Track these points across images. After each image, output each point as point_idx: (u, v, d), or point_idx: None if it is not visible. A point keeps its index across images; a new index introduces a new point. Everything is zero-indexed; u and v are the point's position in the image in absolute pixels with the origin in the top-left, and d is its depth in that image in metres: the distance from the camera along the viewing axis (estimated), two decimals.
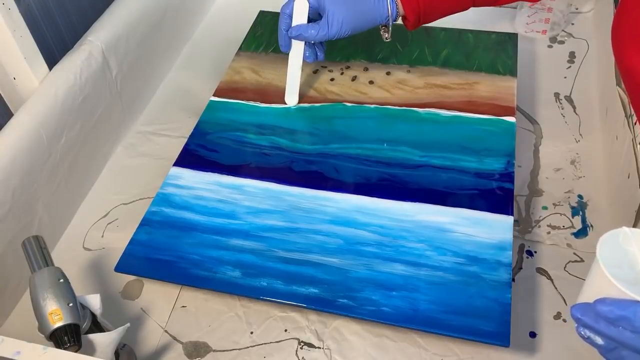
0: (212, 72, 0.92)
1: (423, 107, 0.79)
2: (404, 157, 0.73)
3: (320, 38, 0.73)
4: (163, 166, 0.78)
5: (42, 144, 0.67)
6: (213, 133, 0.79)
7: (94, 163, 0.79)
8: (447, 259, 0.63)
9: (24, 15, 0.68)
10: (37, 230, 0.68)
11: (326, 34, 0.73)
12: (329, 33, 0.73)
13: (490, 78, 0.82)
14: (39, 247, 0.55)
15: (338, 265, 0.63)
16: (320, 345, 0.61)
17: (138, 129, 0.86)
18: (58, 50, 0.76)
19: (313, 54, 0.77)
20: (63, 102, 0.70)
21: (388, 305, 0.60)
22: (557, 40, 0.94)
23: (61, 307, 0.50)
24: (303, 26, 0.74)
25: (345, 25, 0.72)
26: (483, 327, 0.57)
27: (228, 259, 0.65)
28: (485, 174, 0.71)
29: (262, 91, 0.84)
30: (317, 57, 0.78)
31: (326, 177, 0.72)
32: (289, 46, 0.77)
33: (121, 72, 0.81)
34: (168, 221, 0.69)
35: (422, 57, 0.87)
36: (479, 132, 0.75)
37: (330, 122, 0.79)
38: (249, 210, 0.69)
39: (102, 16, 0.81)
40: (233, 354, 0.61)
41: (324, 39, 0.74)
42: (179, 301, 0.66)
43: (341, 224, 0.67)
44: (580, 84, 0.87)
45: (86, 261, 0.70)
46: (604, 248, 0.43)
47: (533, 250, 0.68)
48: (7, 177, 0.63)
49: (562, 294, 0.64)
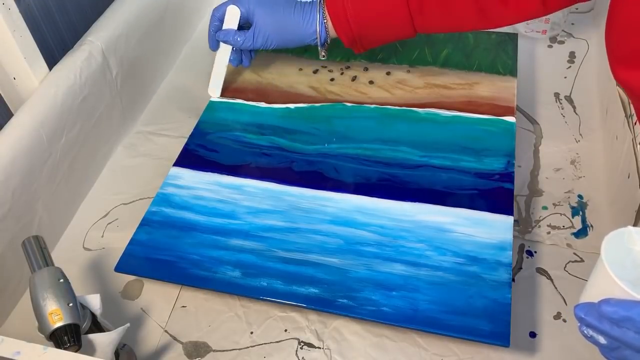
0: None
1: (423, 107, 0.79)
2: (403, 157, 0.73)
3: (245, 47, 0.77)
4: (163, 166, 0.78)
5: (42, 144, 0.67)
6: (213, 133, 0.79)
7: (94, 163, 0.79)
8: (447, 259, 0.63)
9: (24, 15, 0.68)
10: (37, 230, 0.68)
11: (251, 44, 0.76)
12: (254, 44, 0.76)
13: (490, 78, 0.82)
14: (39, 247, 0.55)
15: (338, 265, 0.63)
16: (320, 345, 0.61)
17: (138, 129, 0.86)
18: (58, 50, 0.76)
19: (238, 58, 0.81)
20: (63, 102, 0.70)
21: (388, 305, 0.60)
22: (557, 40, 0.94)
23: (61, 307, 0.50)
24: (231, 32, 0.77)
25: (270, 40, 0.75)
26: (483, 327, 0.57)
27: (228, 259, 0.65)
28: (485, 174, 0.71)
29: (262, 91, 0.84)
30: (241, 62, 0.82)
31: (326, 177, 0.72)
32: (216, 46, 0.80)
33: (121, 72, 0.81)
34: (168, 221, 0.69)
35: (422, 57, 0.87)
36: (479, 132, 0.75)
37: (330, 122, 0.79)
38: (249, 210, 0.69)
39: (102, 16, 0.81)
40: (233, 354, 0.61)
41: (248, 49, 0.78)
42: (179, 301, 0.66)
43: (341, 224, 0.67)
44: (580, 84, 0.87)
45: (86, 261, 0.70)
46: (608, 247, 0.43)
47: (533, 250, 0.68)
48: (7, 177, 0.62)
49: (562, 294, 0.64)
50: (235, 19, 0.76)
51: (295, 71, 0.87)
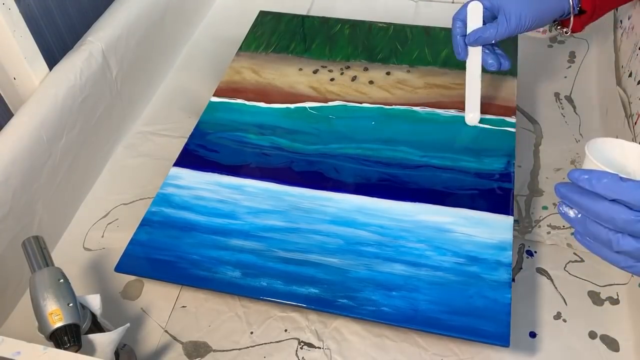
0: (212, 72, 0.92)
1: (423, 107, 0.79)
2: (403, 157, 0.73)
3: (500, 35, 0.69)
4: (163, 166, 0.78)
5: (42, 144, 0.67)
6: (213, 133, 0.79)
7: (94, 163, 0.79)
8: (447, 259, 0.63)
9: (24, 15, 0.68)
10: (37, 230, 0.68)
11: (506, 29, 0.68)
12: (509, 28, 0.68)
13: (490, 78, 0.82)
14: (39, 247, 0.55)
15: (338, 266, 0.63)
16: (320, 345, 0.61)
17: (138, 129, 0.86)
18: (58, 50, 0.77)
19: (496, 60, 0.72)
20: (63, 102, 0.70)
21: (388, 305, 0.60)
22: (557, 40, 0.94)
23: (61, 307, 0.50)
24: (480, 29, 0.70)
25: (524, 17, 0.68)
26: (483, 327, 0.57)
27: (228, 259, 0.65)
28: (485, 174, 0.71)
29: (262, 91, 0.84)
30: (500, 64, 0.72)
31: (326, 177, 0.72)
32: (465, 53, 0.73)
33: (121, 72, 0.81)
34: (168, 221, 0.69)
35: (422, 57, 0.87)
36: (479, 132, 0.75)
37: (330, 122, 0.79)
38: (249, 210, 0.69)
39: (102, 16, 0.81)
40: (233, 354, 0.61)
41: (504, 35, 0.69)
42: (179, 301, 0.66)
43: (341, 224, 0.67)
44: (580, 84, 0.87)
45: (86, 261, 0.70)
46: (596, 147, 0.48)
47: (533, 250, 0.68)
48: (7, 177, 0.63)
49: (562, 294, 0.64)
50: (479, 16, 0.70)
51: (295, 71, 0.87)
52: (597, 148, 0.48)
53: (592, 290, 0.64)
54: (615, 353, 0.59)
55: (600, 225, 0.45)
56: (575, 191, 0.45)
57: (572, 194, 0.46)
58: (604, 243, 0.45)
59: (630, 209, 0.43)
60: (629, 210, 0.43)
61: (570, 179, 0.45)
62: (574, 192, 0.46)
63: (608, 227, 0.44)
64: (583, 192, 0.45)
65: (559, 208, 0.48)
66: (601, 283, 0.65)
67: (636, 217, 0.42)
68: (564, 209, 0.47)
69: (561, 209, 0.47)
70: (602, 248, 0.46)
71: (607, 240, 0.44)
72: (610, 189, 0.43)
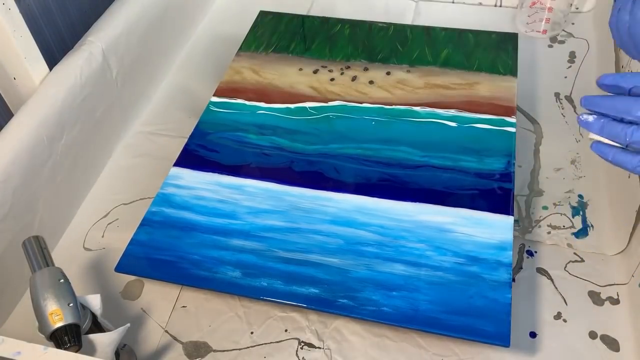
0: (212, 72, 0.92)
1: (423, 107, 0.79)
2: (404, 157, 0.73)
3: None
4: (163, 166, 0.78)
5: (42, 144, 0.67)
6: (213, 133, 0.79)
7: (94, 163, 0.79)
8: (447, 259, 0.63)
9: (24, 15, 0.68)
10: (37, 230, 0.68)
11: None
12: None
13: (491, 78, 0.82)
14: (39, 247, 0.55)
15: (338, 265, 0.63)
16: (320, 346, 0.61)
17: (138, 129, 0.86)
18: (58, 50, 0.77)
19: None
20: (63, 102, 0.70)
21: (388, 305, 0.60)
22: (558, 40, 0.94)
23: (61, 307, 0.50)
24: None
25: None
26: (483, 327, 0.57)
27: (228, 259, 0.65)
28: (485, 174, 0.71)
29: (262, 91, 0.84)
30: None
31: (326, 177, 0.72)
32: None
33: (121, 72, 0.81)
34: (168, 221, 0.69)
35: (422, 57, 0.87)
36: (479, 132, 0.75)
37: (330, 122, 0.79)
38: (249, 210, 0.69)
39: (102, 16, 0.81)
40: (233, 354, 0.61)
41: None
42: (179, 301, 0.66)
43: (341, 224, 0.67)
44: (581, 84, 0.87)
45: (86, 261, 0.70)
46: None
47: (533, 250, 0.68)
48: (7, 177, 0.63)
49: (562, 294, 0.64)
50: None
51: (295, 71, 0.87)
52: None
53: (592, 290, 0.64)
54: (615, 353, 0.59)
55: (617, 122, 0.47)
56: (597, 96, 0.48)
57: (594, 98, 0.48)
58: (617, 137, 0.47)
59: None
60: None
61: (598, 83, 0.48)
62: (596, 96, 0.48)
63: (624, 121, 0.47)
64: (604, 97, 0.48)
65: (579, 118, 0.50)
66: (601, 283, 0.65)
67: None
68: (584, 117, 0.49)
69: (581, 117, 0.49)
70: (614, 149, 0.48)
71: (622, 132, 0.47)
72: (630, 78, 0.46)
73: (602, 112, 0.48)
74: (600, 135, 0.49)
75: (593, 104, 0.49)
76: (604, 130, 0.48)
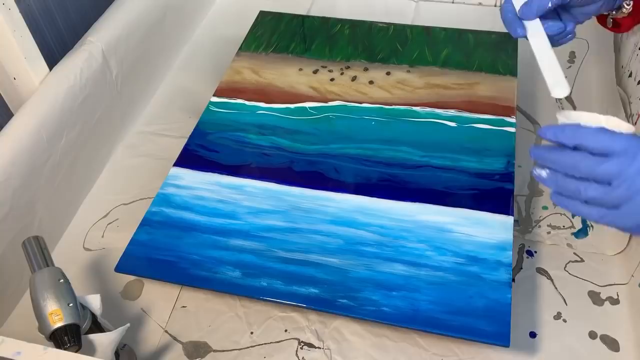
0: (212, 72, 0.92)
1: (423, 107, 0.79)
2: (404, 157, 0.73)
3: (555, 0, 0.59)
4: (163, 166, 0.78)
5: (42, 144, 0.67)
6: (213, 133, 0.79)
7: (94, 163, 0.79)
8: (447, 259, 0.63)
9: (24, 15, 0.68)
10: (37, 230, 0.68)
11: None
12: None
13: (491, 78, 0.82)
14: (39, 247, 0.55)
15: (338, 266, 0.63)
16: (320, 346, 0.61)
17: (138, 129, 0.86)
18: (58, 50, 0.77)
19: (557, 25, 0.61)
20: (63, 102, 0.70)
21: (388, 305, 0.60)
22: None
23: (61, 307, 0.50)
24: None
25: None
26: (483, 327, 0.57)
27: (228, 259, 0.65)
28: (485, 174, 0.71)
29: (262, 91, 0.84)
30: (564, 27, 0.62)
31: (326, 177, 0.72)
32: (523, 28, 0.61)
33: (121, 72, 0.81)
34: (168, 221, 0.69)
35: (422, 57, 0.87)
36: (479, 132, 0.75)
37: (330, 122, 0.79)
38: (249, 210, 0.69)
39: (102, 16, 0.81)
40: (233, 354, 0.61)
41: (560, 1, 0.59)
42: (179, 301, 0.66)
43: (341, 224, 0.67)
44: (580, 84, 0.87)
45: (86, 261, 0.70)
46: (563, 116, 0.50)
47: (533, 250, 0.68)
48: (7, 177, 0.63)
49: (562, 294, 0.64)
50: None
51: (295, 71, 0.87)
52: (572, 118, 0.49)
53: (592, 290, 0.64)
54: (615, 353, 0.59)
55: (569, 177, 0.47)
56: (544, 149, 0.48)
57: (542, 151, 0.48)
58: (574, 194, 0.47)
59: (592, 154, 0.45)
60: (590, 155, 0.45)
61: (539, 134, 0.48)
62: (543, 150, 0.48)
63: (575, 177, 0.46)
64: (551, 148, 0.47)
65: (533, 171, 0.49)
66: (601, 283, 0.65)
67: (596, 161, 0.44)
68: (537, 171, 0.49)
69: (535, 172, 0.49)
70: (575, 202, 0.47)
71: (576, 189, 0.46)
72: (571, 136, 0.45)
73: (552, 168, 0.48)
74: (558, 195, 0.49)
75: (542, 158, 0.48)
76: (559, 186, 0.48)
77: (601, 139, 0.45)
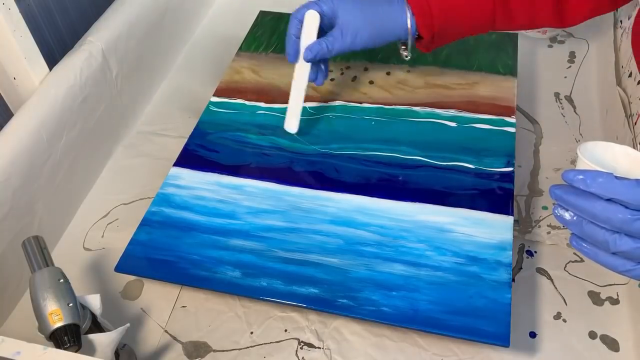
0: (212, 72, 0.92)
1: (423, 107, 0.79)
2: (403, 157, 0.73)
3: (335, 52, 0.69)
4: (163, 166, 0.78)
5: (42, 144, 0.67)
6: (213, 133, 0.79)
7: (94, 163, 0.79)
8: (447, 259, 0.63)
9: (24, 15, 0.68)
10: (37, 230, 0.68)
11: (341, 45, 0.68)
12: (343, 43, 0.68)
13: (491, 78, 0.82)
14: (39, 247, 0.55)
15: (338, 265, 0.63)
16: (320, 345, 0.61)
17: (138, 129, 0.86)
18: (58, 50, 0.77)
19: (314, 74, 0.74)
20: (63, 102, 0.70)
21: (388, 305, 0.60)
22: (557, 40, 0.94)
23: (61, 307, 0.50)
24: (315, 45, 0.69)
25: (360, 35, 0.68)
26: (483, 327, 0.57)
27: (228, 259, 0.65)
28: (485, 174, 0.71)
29: (262, 91, 0.84)
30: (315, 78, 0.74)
31: (326, 177, 0.72)
32: (297, 58, 0.72)
33: (121, 72, 0.81)
34: (168, 221, 0.69)
35: (422, 57, 0.87)
36: (479, 132, 0.75)
37: (330, 122, 0.79)
38: (249, 210, 0.69)
39: (102, 16, 0.81)
40: (233, 354, 0.61)
41: (339, 52, 0.69)
42: (179, 301, 0.66)
43: (341, 224, 0.67)
44: (580, 84, 0.87)
45: (86, 261, 0.70)
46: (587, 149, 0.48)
47: (533, 250, 0.68)
48: (7, 177, 0.63)
49: (562, 294, 0.64)
50: (315, 27, 0.70)
51: None
52: (588, 150, 0.48)
53: (592, 290, 0.64)
54: (615, 353, 0.59)
55: (597, 226, 0.44)
56: (570, 192, 0.45)
57: (567, 196, 0.45)
58: (601, 244, 0.45)
59: (626, 208, 0.42)
60: (625, 209, 0.42)
61: (565, 180, 0.45)
62: (569, 194, 0.45)
63: (605, 227, 0.44)
64: (578, 193, 0.44)
65: (554, 211, 0.47)
66: (601, 283, 0.65)
67: (633, 215, 0.42)
68: (559, 212, 0.46)
69: (556, 212, 0.46)
70: (599, 251, 0.46)
71: (604, 241, 0.44)
72: (606, 188, 0.42)
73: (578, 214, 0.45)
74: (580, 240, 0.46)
75: (566, 203, 0.45)
76: (584, 233, 0.45)
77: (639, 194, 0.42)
